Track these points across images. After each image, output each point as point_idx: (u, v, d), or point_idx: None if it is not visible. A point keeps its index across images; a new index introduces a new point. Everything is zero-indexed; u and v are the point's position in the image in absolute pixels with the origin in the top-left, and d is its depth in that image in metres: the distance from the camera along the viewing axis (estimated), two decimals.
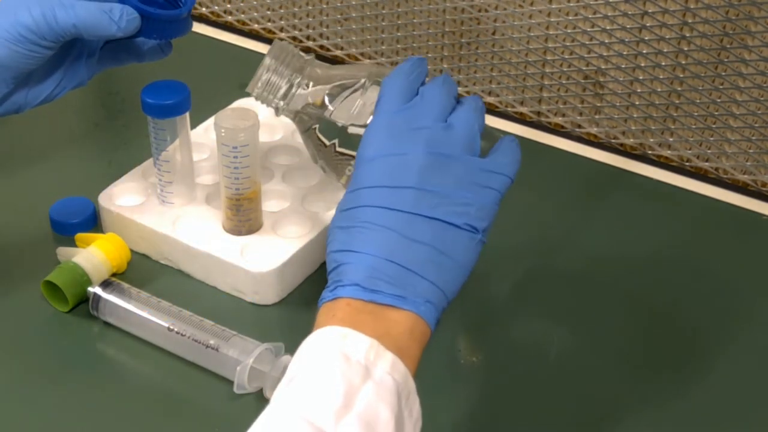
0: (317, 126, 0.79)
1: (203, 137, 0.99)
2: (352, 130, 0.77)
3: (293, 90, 0.81)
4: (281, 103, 0.81)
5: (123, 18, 0.79)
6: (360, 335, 0.63)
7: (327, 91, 0.79)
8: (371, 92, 0.77)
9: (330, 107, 0.79)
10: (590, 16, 1.02)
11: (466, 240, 0.69)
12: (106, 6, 0.79)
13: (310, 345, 0.64)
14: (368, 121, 0.72)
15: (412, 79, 0.73)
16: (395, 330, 0.65)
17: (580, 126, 1.09)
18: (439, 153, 0.69)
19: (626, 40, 1.01)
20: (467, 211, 0.68)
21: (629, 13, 1.00)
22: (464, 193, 0.69)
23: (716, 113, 1.01)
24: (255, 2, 1.23)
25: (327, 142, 0.78)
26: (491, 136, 0.74)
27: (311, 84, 0.80)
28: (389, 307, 0.65)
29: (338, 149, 0.78)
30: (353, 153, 0.77)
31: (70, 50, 0.83)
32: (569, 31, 1.04)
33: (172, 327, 0.82)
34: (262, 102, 0.83)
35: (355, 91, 0.78)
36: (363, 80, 0.78)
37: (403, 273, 0.66)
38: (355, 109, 0.77)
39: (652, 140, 1.06)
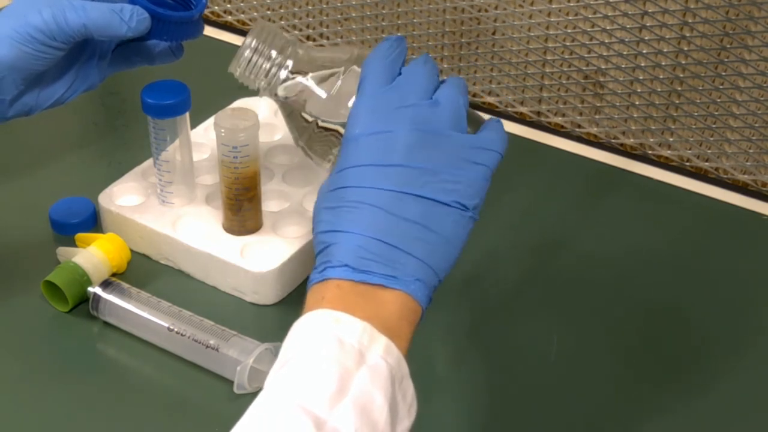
0: (300, 107, 0.78)
1: (203, 137, 1.00)
2: (327, 116, 0.77)
3: (275, 71, 0.79)
4: (263, 83, 0.79)
5: (133, 18, 0.79)
6: (353, 318, 0.63)
7: (309, 75, 0.79)
8: (350, 77, 0.77)
9: (312, 90, 0.78)
10: (590, 16, 1.02)
11: (456, 217, 0.68)
12: (117, 6, 0.79)
13: (301, 328, 0.63)
14: (348, 105, 0.73)
15: (393, 59, 0.72)
16: (385, 310, 0.64)
17: (580, 126, 1.09)
18: (426, 130, 0.68)
19: (626, 40, 1.01)
20: (456, 188, 0.68)
21: (629, 13, 1.00)
22: (452, 170, 0.68)
23: (716, 113, 1.01)
24: (255, 2, 1.23)
25: (309, 119, 0.78)
26: (476, 118, 0.73)
27: (293, 64, 0.79)
28: (379, 287, 0.65)
29: (321, 124, 0.77)
30: (336, 127, 0.77)
31: (81, 52, 0.83)
32: (569, 31, 1.04)
33: (172, 327, 0.82)
34: (244, 82, 0.81)
35: (335, 75, 0.77)
36: (343, 65, 0.77)
37: (392, 252, 0.66)
38: (334, 93, 0.77)
39: (652, 140, 1.06)
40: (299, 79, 0.78)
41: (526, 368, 0.83)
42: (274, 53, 0.79)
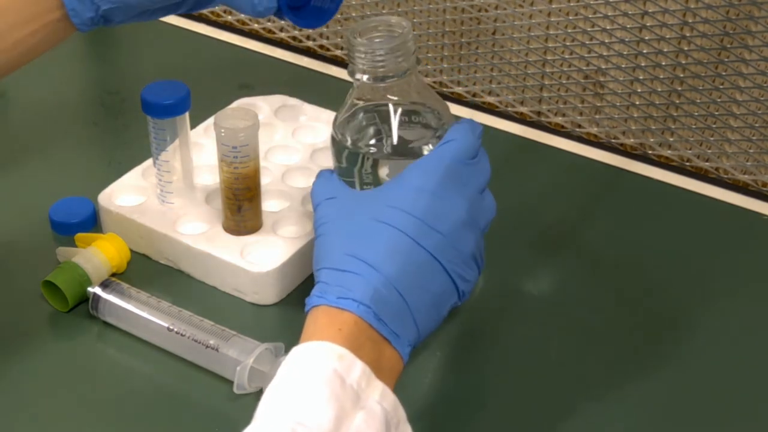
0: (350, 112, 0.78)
1: (203, 137, 0.99)
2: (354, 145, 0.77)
3: (370, 77, 0.76)
4: (360, 74, 0.76)
5: (262, 3, 0.76)
6: (356, 359, 0.63)
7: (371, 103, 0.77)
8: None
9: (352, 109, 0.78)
10: (590, 16, 1.02)
11: (452, 304, 0.71)
12: None
13: (305, 356, 0.64)
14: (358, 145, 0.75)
15: (479, 143, 0.74)
16: (384, 364, 0.66)
17: (580, 126, 1.09)
18: (473, 219, 0.71)
19: (626, 40, 1.01)
20: (470, 280, 0.71)
21: (629, 13, 1.00)
22: (472, 263, 0.71)
23: (716, 113, 1.01)
24: None
25: (336, 137, 0.78)
26: None
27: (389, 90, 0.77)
28: (384, 340, 0.66)
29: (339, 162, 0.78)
30: (337, 161, 0.78)
31: None
32: (569, 31, 1.04)
33: (172, 327, 0.82)
34: (348, 46, 0.76)
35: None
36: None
37: (404, 310, 0.67)
38: (367, 133, 0.77)
39: (652, 140, 1.06)
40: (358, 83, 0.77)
41: (526, 368, 0.83)
42: (394, 65, 0.75)
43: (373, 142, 0.77)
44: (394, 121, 0.76)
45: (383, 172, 0.76)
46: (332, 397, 0.60)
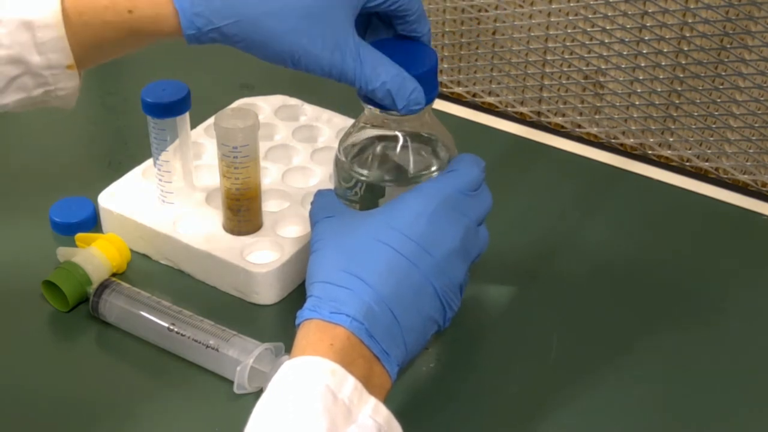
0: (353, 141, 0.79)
1: (203, 137, 1.00)
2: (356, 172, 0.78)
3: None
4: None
5: (410, 102, 0.73)
6: (347, 375, 0.64)
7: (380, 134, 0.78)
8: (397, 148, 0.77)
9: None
10: (590, 16, 1.02)
11: (434, 329, 0.72)
12: (398, 80, 0.72)
13: (298, 371, 0.64)
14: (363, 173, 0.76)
15: (482, 177, 0.75)
16: (374, 381, 0.66)
17: (580, 126, 1.09)
18: (465, 249, 0.72)
19: (626, 40, 1.01)
20: (454, 309, 0.72)
21: (629, 13, 1.00)
22: (458, 293, 0.73)
23: (716, 113, 1.01)
24: None
25: (342, 158, 0.78)
26: None
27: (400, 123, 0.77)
28: (375, 358, 0.67)
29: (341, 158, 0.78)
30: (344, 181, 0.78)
31: None
32: (569, 31, 1.04)
33: (172, 327, 0.82)
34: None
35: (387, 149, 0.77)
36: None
37: (396, 330, 0.68)
38: (370, 164, 0.77)
39: (652, 140, 1.06)
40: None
41: (526, 368, 0.83)
42: None
43: (374, 169, 0.77)
44: (399, 151, 0.77)
45: (382, 200, 0.76)
46: (324, 411, 0.60)
